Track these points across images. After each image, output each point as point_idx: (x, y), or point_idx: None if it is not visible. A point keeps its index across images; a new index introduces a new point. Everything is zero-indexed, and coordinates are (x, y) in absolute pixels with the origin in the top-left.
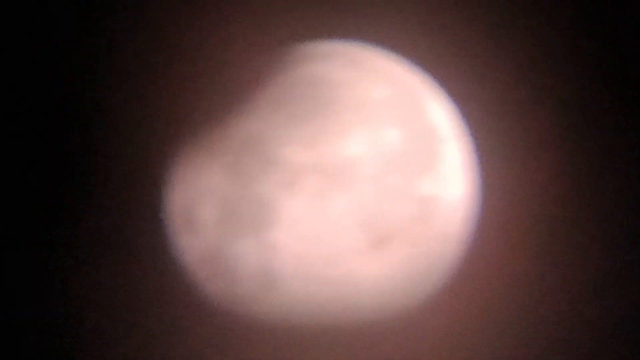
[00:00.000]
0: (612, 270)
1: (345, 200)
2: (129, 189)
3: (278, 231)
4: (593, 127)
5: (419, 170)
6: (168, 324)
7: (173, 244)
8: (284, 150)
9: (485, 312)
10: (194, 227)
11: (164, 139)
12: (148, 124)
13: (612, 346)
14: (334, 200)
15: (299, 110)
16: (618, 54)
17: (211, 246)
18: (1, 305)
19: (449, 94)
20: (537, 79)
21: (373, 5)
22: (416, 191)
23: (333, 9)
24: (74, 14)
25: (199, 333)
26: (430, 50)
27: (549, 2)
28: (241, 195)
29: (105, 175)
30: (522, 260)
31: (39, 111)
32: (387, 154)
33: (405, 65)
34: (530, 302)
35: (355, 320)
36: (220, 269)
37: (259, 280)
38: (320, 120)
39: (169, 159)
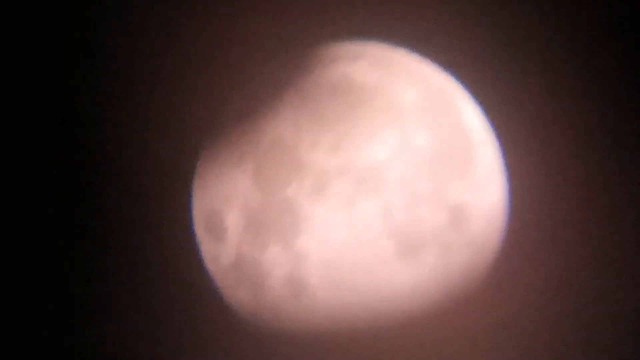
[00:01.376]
0: None
1: (374, 206)
2: (155, 195)
3: (306, 238)
4: (623, 131)
5: (449, 175)
6: (194, 332)
7: (199, 250)
8: (312, 155)
9: (515, 320)
10: (221, 233)
11: (190, 144)
12: (175, 128)
13: None
14: (362, 206)
15: (326, 113)
16: None
17: (238, 253)
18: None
19: (477, 98)
20: (566, 83)
21: (401, 7)
22: (446, 197)
23: (361, 11)
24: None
25: (225, 341)
26: (458, 54)
27: (577, 4)
28: (268, 201)
29: (131, 179)
30: (552, 266)
31: (60, 114)
32: (416, 158)
33: (434, 68)
34: (560, 309)
35: (384, 328)
36: (247, 276)
37: (287, 287)
38: (348, 124)
39: (195, 163)
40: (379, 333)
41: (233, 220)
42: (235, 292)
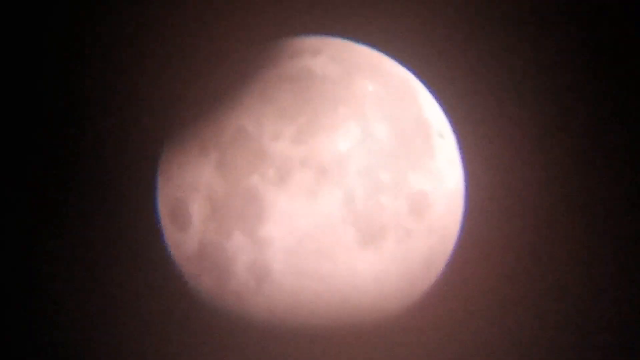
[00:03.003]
0: (597, 255)
1: (336, 195)
2: (119, 185)
3: (269, 226)
4: (575, 122)
5: (408, 165)
6: (159, 320)
7: (163, 239)
8: (275, 145)
9: (476, 307)
10: (185, 221)
11: (154, 134)
12: (138, 119)
13: (609, 345)
14: (324, 195)
15: (288, 105)
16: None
17: (202, 241)
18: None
19: (435, 91)
20: (521, 77)
21: (361, 4)
22: (406, 186)
23: (321, 6)
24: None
25: (189, 329)
26: (417, 49)
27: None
28: (232, 190)
29: (96, 170)
30: (510, 254)
31: (32, 110)
32: (377, 148)
33: (392, 62)
34: (519, 296)
35: (347, 316)
36: (211, 265)
37: (251, 274)
38: (310, 115)
39: (159, 154)
40: (341, 319)
41: (197, 208)
42: (200, 280)
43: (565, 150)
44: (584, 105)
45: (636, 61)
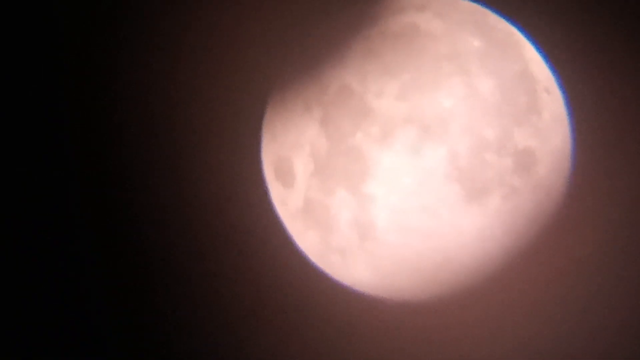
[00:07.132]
0: None
1: (440, 152)
2: (225, 143)
3: (373, 183)
4: None
5: (513, 121)
6: (263, 276)
7: (268, 195)
8: (378, 102)
9: (580, 264)
10: (289, 179)
11: (259, 93)
12: (243, 78)
13: None
14: (428, 152)
15: (392, 62)
16: None
17: (306, 197)
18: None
19: (541, 46)
20: (634, 30)
21: None
22: (511, 143)
23: None
24: None
25: (293, 287)
26: (521, 2)
27: None
28: (336, 148)
29: (201, 129)
30: (618, 215)
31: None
32: (481, 105)
33: (497, 17)
34: (625, 259)
35: (449, 274)
36: (315, 221)
37: (354, 231)
38: (413, 72)
39: (263, 112)
40: (444, 277)
41: (301, 166)
42: (304, 236)
43: None
44: None
45: None
